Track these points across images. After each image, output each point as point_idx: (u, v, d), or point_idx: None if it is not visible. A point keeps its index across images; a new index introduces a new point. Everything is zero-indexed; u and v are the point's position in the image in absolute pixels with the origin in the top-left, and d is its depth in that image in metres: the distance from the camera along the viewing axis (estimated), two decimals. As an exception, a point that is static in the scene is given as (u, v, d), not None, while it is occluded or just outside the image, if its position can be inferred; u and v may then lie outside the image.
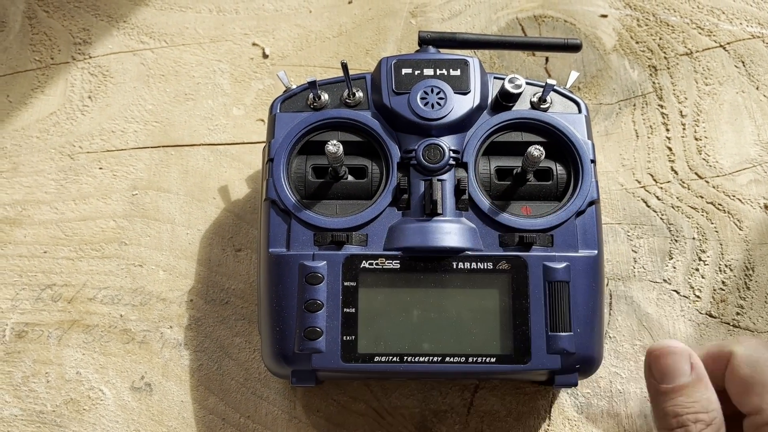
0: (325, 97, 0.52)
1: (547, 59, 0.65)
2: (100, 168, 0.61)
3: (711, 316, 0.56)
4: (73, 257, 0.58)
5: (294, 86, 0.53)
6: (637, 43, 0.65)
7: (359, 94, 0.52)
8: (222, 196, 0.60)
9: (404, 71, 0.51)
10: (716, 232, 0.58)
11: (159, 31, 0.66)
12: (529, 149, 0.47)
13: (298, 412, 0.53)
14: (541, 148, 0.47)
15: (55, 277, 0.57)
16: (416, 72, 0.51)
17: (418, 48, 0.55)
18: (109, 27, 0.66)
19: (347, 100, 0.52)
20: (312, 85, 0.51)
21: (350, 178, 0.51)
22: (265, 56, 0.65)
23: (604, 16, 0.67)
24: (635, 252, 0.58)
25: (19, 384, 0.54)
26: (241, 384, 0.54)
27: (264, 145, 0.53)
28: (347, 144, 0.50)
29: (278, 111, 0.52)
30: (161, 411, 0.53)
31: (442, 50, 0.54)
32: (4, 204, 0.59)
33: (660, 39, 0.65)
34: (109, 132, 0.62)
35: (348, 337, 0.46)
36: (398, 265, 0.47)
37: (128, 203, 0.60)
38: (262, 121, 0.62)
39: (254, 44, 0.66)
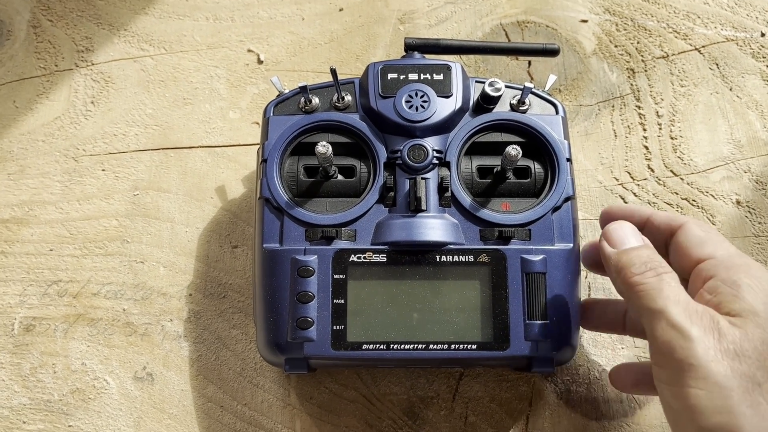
0: (315, 100, 0.54)
1: (529, 63, 0.68)
2: (103, 170, 0.63)
3: (684, 306, 0.58)
4: (78, 255, 0.60)
5: (287, 91, 0.56)
6: (615, 46, 0.68)
7: (348, 98, 0.54)
8: (219, 196, 0.62)
9: (390, 76, 0.54)
10: (690, 226, 0.61)
11: (158, 39, 0.69)
12: (507, 149, 0.50)
13: (293, 399, 0.56)
14: (519, 148, 0.50)
15: (61, 274, 0.60)
16: (401, 77, 0.53)
17: (404, 54, 0.57)
18: (111, 35, 0.69)
19: (336, 104, 0.54)
20: (303, 89, 0.53)
21: (340, 177, 0.53)
22: (259, 62, 0.68)
23: (585, 21, 0.69)
24: (613, 246, 0.60)
25: (28, 375, 0.57)
26: (238, 373, 0.57)
27: (258, 146, 0.56)
28: (337, 145, 0.53)
29: (271, 114, 0.54)
30: (162, 399, 0.56)
31: (427, 56, 0.57)
32: (11, 204, 0.62)
33: (638, 43, 0.68)
34: (111, 135, 0.65)
35: (338, 327, 0.49)
36: (385, 259, 0.50)
37: (130, 203, 0.62)
38: (257, 123, 0.65)
39: (249, 50, 0.68)
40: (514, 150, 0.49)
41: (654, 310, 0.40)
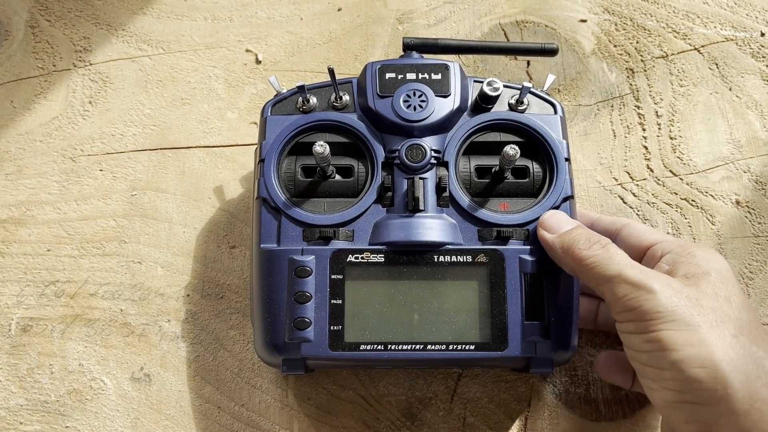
0: (313, 100, 0.54)
1: (528, 63, 0.68)
2: (101, 170, 0.63)
3: (684, 306, 0.58)
4: (75, 255, 0.60)
5: (284, 90, 0.56)
6: (615, 46, 0.68)
7: (346, 98, 0.54)
8: (217, 196, 0.62)
9: (388, 75, 0.53)
10: (690, 227, 0.61)
11: (156, 39, 0.69)
12: (504, 148, 0.49)
13: (290, 400, 0.56)
14: (516, 147, 0.49)
15: (58, 274, 0.60)
16: (399, 76, 0.53)
17: (403, 53, 0.57)
18: (109, 35, 0.69)
19: (334, 104, 0.54)
20: (301, 89, 0.53)
21: (337, 177, 0.53)
22: (258, 62, 0.68)
23: (584, 21, 0.69)
24: (612, 246, 0.60)
25: (25, 375, 0.57)
26: (235, 374, 0.57)
27: (256, 146, 0.55)
28: (334, 145, 0.53)
29: (269, 114, 0.54)
30: (160, 400, 0.56)
31: (425, 56, 0.57)
32: (9, 205, 0.62)
33: (637, 42, 0.68)
34: (109, 135, 0.65)
35: (335, 327, 0.49)
36: (382, 259, 0.50)
37: (128, 203, 0.62)
38: (255, 123, 0.65)
39: (247, 50, 0.68)
40: (512, 149, 0.49)
41: (610, 276, 0.44)
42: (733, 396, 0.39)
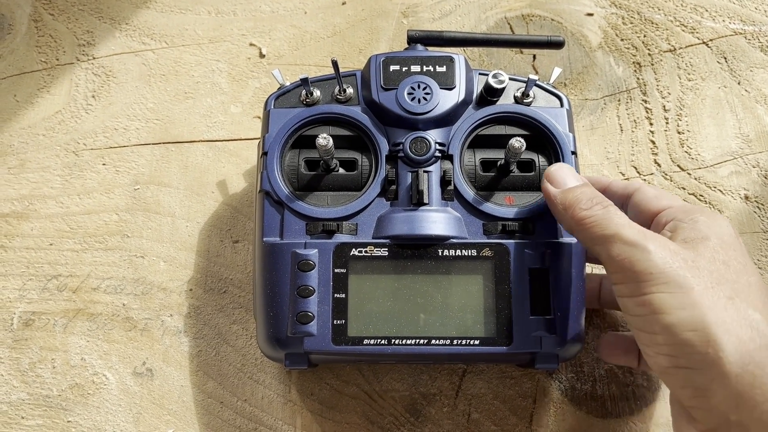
0: (317, 93, 0.54)
1: (534, 56, 0.67)
2: (104, 164, 0.63)
3: (691, 302, 0.57)
4: (78, 249, 0.60)
5: (288, 83, 0.55)
6: (622, 40, 0.67)
7: (350, 90, 0.54)
8: (220, 190, 0.62)
9: (392, 68, 0.53)
10: (698, 222, 0.60)
11: (160, 33, 0.68)
12: (510, 141, 0.49)
13: (293, 395, 0.55)
14: (522, 140, 0.49)
15: (61, 268, 0.60)
16: (404, 69, 0.53)
17: (407, 46, 0.57)
18: (112, 29, 0.69)
19: (338, 96, 0.54)
20: (304, 82, 0.53)
21: (341, 170, 0.53)
22: (261, 56, 0.67)
23: (590, 14, 0.68)
24: (618, 241, 0.59)
25: (27, 370, 0.56)
26: (238, 369, 0.56)
27: (259, 140, 0.55)
28: (338, 138, 0.52)
29: (272, 107, 0.54)
30: (162, 395, 0.56)
31: (430, 48, 0.56)
32: (11, 199, 0.62)
33: (644, 36, 0.67)
34: (112, 129, 0.64)
35: (338, 321, 0.48)
36: (386, 253, 0.49)
37: (130, 197, 0.62)
38: (259, 118, 0.64)
39: (251, 44, 0.68)
40: (518, 142, 0.49)
41: (607, 236, 0.43)
42: (725, 359, 0.38)
